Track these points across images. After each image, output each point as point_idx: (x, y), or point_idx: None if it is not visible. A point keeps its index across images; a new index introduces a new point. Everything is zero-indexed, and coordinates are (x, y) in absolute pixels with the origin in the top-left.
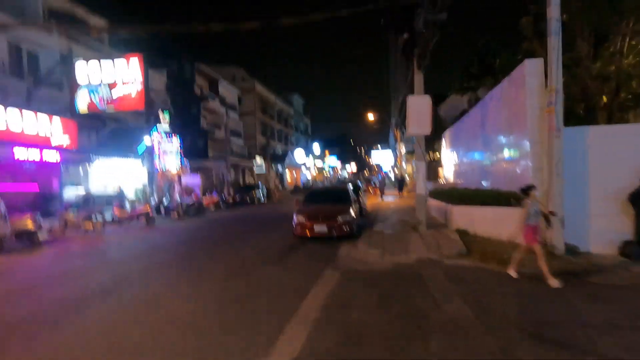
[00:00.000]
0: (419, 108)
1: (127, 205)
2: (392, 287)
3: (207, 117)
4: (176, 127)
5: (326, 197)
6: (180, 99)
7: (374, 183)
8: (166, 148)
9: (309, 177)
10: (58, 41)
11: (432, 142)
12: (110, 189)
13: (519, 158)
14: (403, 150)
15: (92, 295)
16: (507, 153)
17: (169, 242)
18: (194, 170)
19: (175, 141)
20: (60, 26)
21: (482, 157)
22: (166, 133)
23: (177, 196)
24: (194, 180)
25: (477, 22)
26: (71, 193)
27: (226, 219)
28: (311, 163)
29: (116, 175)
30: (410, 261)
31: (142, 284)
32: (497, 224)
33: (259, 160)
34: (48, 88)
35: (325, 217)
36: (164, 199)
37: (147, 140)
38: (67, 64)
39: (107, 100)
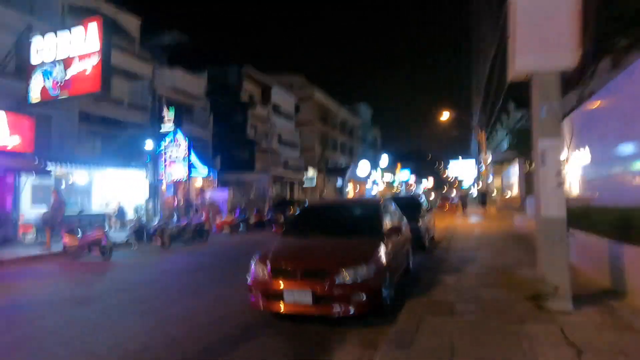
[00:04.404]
0: (540, 7)
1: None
2: None
3: (258, 127)
4: (218, 137)
5: (331, 221)
6: (223, 106)
7: (452, 199)
8: (172, 154)
9: (376, 192)
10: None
11: (526, 147)
12: (108, 207)
13: None
14: (489, 159)
15: None
16: None
17: (42, 308)
18: (231, 183)
19: (183, 145)
20: None
21: None
22: (173, 136)
23: (173, 216)
24: (221, 195)
25: None
26: (33, 212)
27: (227, 249)
28: (379, 177)
29: (115, 190)
30: None
31: None
32: None
33: (310, 172)
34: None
35: (311, 272)
36: (145, 220)
37: (149, 145)
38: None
39: (61, 84)
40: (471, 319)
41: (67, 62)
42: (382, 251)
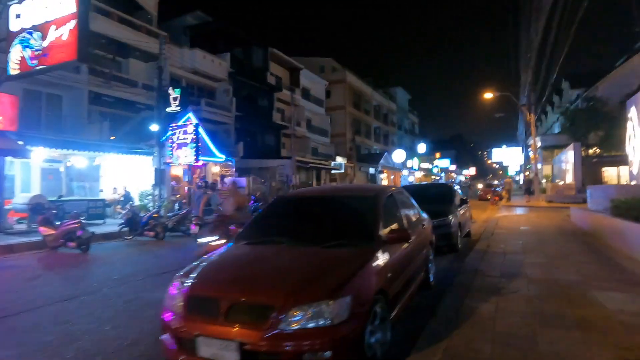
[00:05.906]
0: None
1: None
2: None
3: (286, 111)
4: (241, 121)
5: (309, 220)
6: (247, 89)
7: (495, 187)
8: (180, 137)
9: (412, 181)
10: None
11: (582, 129)
12: (114, 193)
13: None
14: (538, 143)
15: None
16: None
17: None
18: (253, 170)
19: (191, 129)
20: None
21: None
22: (185, 118)
23: (173, 204)
24: (239, 183)
25: None
26: (22, 198)
27: None
28: (416, 165)
29: (122, 175)
30: None
31: None
32: None
33: (339, 159)
34: None
35: (243, 307)
36: (150, 207)
37: (155, 127)
38: None
39: (39, 54)
40: None
41: (43, 30)
42: (373, 270)
